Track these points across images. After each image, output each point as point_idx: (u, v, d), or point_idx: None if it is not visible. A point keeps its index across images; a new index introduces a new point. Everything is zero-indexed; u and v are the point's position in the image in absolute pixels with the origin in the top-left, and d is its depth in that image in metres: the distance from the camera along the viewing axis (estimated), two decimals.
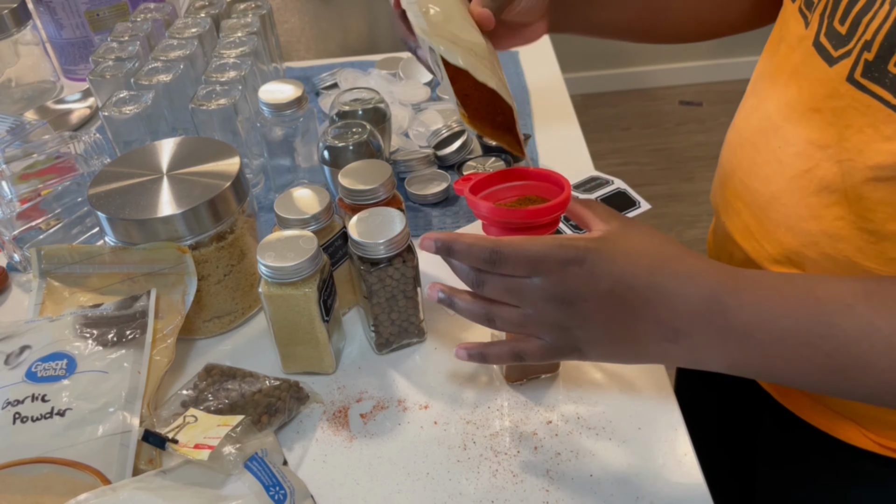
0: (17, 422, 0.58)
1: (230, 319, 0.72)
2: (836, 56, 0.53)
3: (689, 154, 2.63)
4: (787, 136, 0.59)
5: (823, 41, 0.54)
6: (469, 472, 0.59)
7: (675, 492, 0.56)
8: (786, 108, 0.59)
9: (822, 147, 0.55)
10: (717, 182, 0.72)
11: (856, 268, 0.56)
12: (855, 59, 0.51)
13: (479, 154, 0.91)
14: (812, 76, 0.56)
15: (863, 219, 0.54)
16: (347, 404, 0.65)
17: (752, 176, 0.64)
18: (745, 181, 0.65)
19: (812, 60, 0.56)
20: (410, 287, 0.65)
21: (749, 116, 0.65)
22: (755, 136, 0.64)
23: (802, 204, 0.58)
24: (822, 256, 0.57)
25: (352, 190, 0.67)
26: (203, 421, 0.58)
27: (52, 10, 1.11)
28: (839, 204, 0.55)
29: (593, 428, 0.61)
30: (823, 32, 0.54)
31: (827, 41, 0.54)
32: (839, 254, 0.56)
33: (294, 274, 0.60)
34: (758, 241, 0.64)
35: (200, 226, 0.66)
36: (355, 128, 0.77)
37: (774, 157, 0.60)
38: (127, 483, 0.54)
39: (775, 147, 0.60)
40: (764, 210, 0.62)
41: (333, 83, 1.08)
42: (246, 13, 1.02)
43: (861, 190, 0.53)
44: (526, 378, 0.65)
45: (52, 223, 0.80)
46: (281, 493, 0.54)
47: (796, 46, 0.58)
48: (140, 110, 0.82)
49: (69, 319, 0.66)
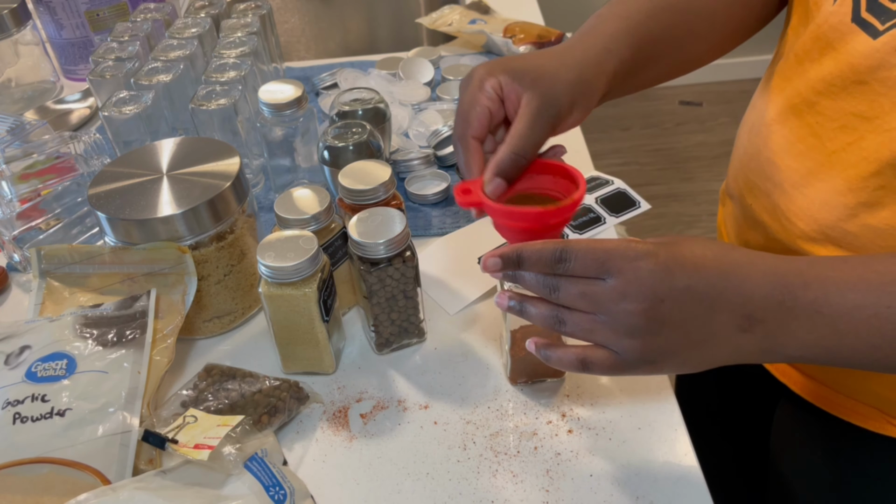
0: (17, 422, 0.58)
1: (230, 319, 0.72)
2: (882, 29, 0.53)
3: (689, 154, 2.63)
4: (825, 110, 0.59)
5: (866, 16, 0.54)
6: (469, 472, 0.59)
7: (675, 492, 0.56)
8: (820, 84, 0.59)
9: (868, 119, 0.55)
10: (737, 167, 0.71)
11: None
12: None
13: None
14: (854, 51, 0.55)
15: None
16: (347, 404, 0.65)
17: (784, 153, 0.63)
18: (773, 160, 0.64)
19: (852, 36, 0.55)
20: (410, 287, 0.65)
21: (773, 97, 0.65)
22: (784, 115, 0.63)
23: (841, 177, 0.58)
24: (862, 228, 0.57)
25: (352, 190, 0.67)
26: (203, 421, 0.58)
27: (52, 10, 1.11)
28: (881, 173, 0.55)
29: (593, 428, 0.61)
30: (864, 8, 0.55)
31: (871, 15, 0.54)
32: (882, 222, 0.56)
33: (294, 274, 0.60)
34: (789, 219, 0.63)
35: (200, 226, 0.66)
36: (355, 128, 0.78)
37: (810, 133, 0.60)
38: (127, 483, 0.54)
39: (811, 123, 0.60)
40: (797, 187, 0.62)
41: (333, 83, 1.08)
42: (246, 13, 1.02)
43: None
44: (531, 380, 0.65)
45: (52, 223, 0.80)
46: (281, 493, 0.54)
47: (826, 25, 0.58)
48: (140, 110, 0.82)
49: (69, 319, 0.66)
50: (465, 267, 0.76)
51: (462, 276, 0.75)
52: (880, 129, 0.55)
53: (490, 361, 0.67)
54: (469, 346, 0.69)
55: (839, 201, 0.58)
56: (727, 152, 0.76)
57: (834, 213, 0.59)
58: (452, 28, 1.17)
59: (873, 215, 0.57)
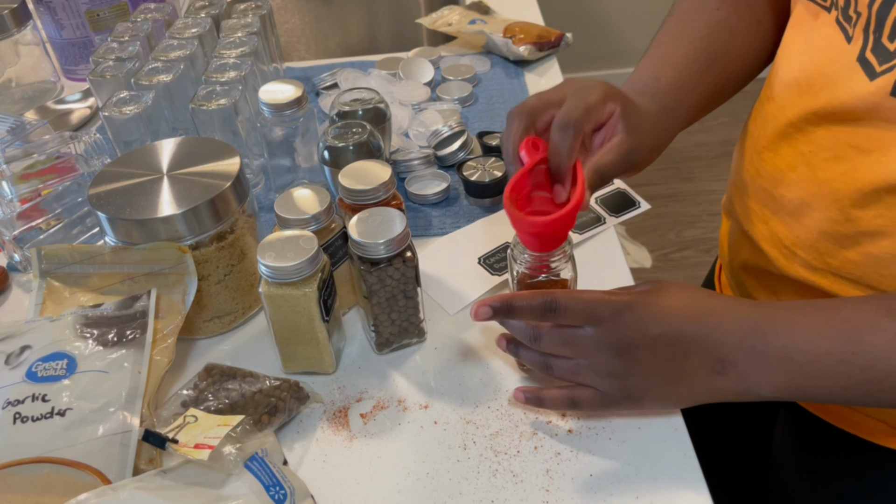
0: (17, 422, 0.58)
1: (230, 319, 0.72)
2: (879, 71, 0.53)
3: (689, 154, 2.63)
4: (818, 140, 0.59)
5: (869, 56, 0.54)
6: (469, 472, 0.59)
7: (675, 492, 0.56)
8: (814, 116, 0.59)
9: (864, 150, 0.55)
10: (734, 191, 0.71)
11: (871, 296, 0.56)
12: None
13: (480, 154, 0.91)
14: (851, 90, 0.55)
15: None
16: (347, 404, 0.65)
17: (777, 182, 0.63)
18: (768, 189, 0.65)
19: (854, 75, 0.55)
20: (410, 287, 0.65)
21: (767, 124, 0.65)
22: (777, 143, 0.63)
23: (836, 207, 0.58)
24: (864, 257, 0.58)
25: (352, 190, 0.67)
26: (203, 421, 0.58)
27: (53, 11, 1.11)
28: (878, 202, 0.55)
29: (593, 428, 0.61)
30: (870, 48, 0.54)
31: (873, 56, 0.54)
32: (883, 251, 0.57)
33: (294, 274, 0.61)
34: (789, 248, 0.64)
35: (201, 226, 0.66)
36: (355, 128, 0.78)
37: (803, 162, 0.60)
38: (127, 483, 0.54)
39: (804, 151, 0.60)
40: (794, 216, 0.62)
41: (333, 83, 1.08)
42: (246, 13, 1.02)
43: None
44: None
45: (52, 223, 0.80)
46: (281, 493, 0.54)
47: (835, 59, 0.57)
48: (140, 110, 0.82)
49: (69, 319, 0.66)
50: (465, 267, 0.76)
51: (462, 276, 0.76)
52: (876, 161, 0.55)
53: (490, 361, 0.68)
54: (469, 346, 0.69)
55: (837, 231, 0.59)
56: (727, 152, 0.76)
57: (835, 242, 0.59)
58: (452, 28, 1.17)
59: (875, 244, 0.57)
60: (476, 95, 1.05)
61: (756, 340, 0.52)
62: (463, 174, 0.85)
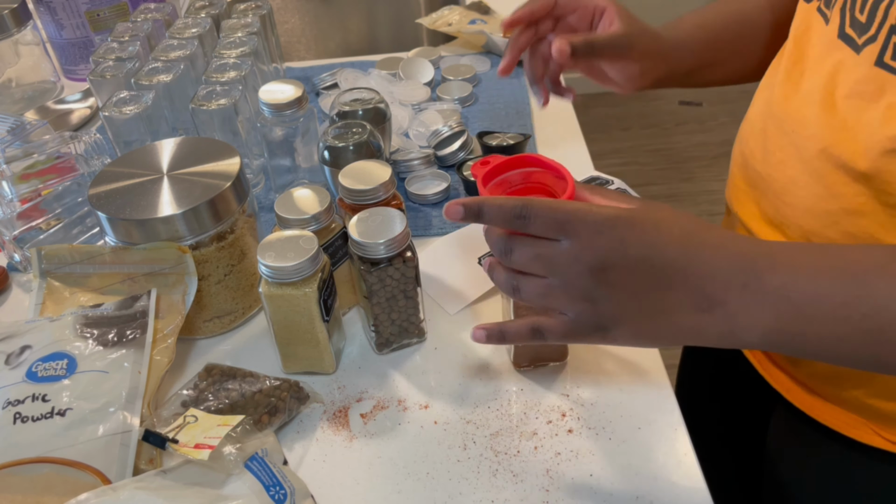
0: (17, 422, 0.59)
1: (230, 319, 0.72)
2: (860, 43, 0.55)
3: (689, 154, 2.63)
4: (802, 119, 0.60)
5: (849, 32, 0.56)
6: (469, 472, 0.59)
7: (675, 492, 0.56)
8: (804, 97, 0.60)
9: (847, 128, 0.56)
10: (731, 176, 0.73)
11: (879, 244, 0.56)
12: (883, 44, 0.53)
13: (480, 154, 0.91)
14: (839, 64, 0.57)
15: (884, 193, 0.54)
16: (347, 404, 0.65)
17: (766, 163, 0.64)
18: (758, 169, 0.65)
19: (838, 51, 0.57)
20: (410, 287, 0.65)
21: (761, 108, 0.67)
22: (766, 124, 0.65)
23: (821, 184, 0.58)
24: (844, 236, 0.58)
25: (352, 190, 0.67)
26: (203, 421, 0.58)
27: (53, 10, 1.11)
28: (859, 181, 0.55)
29: (593, 428, 0.61)
30: (848, 24, 0.56)
31: (852, 31, 0.55)
32: (862, 231, 0.56)
33: (294, 274, 0.61)
34: (777, 227, 0.64)
35: (201, 226, 0.66)
36: (355, 128, 0.78)
37: (788, 142, 0.61)
38: (127, 483, 0.54)
39: (788, 131, 0.61)
40: (781, 196, 0.63)
41: (333, 83, 1.08)
42: (246, 13, 1.02)
43: (880, 163, 0.54)
44: (534, 364, 0.65)
45: (52, 223, 0.80)
46: (281, 493, 0.54)
47: (818, 42, 0.60)
48: (140, 110, 0.82)
49: (69, 319, 0.66)
50: (465, 267, 0.76)
51: (462, 276, 0.76)
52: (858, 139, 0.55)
53: (490, 361, 0.68)
54: (469, 346, 0.69)
55: (822, 208, 0.59)
56: (727, 152, 0.77)
57: (818, 220, 0.59)
58: (452, 28, 1.17)
59: (853, 223, 0.57)
60: (476, 95, 1.05)
61: (750, 278, 0.47)
62: (463, 174, 0.85)
